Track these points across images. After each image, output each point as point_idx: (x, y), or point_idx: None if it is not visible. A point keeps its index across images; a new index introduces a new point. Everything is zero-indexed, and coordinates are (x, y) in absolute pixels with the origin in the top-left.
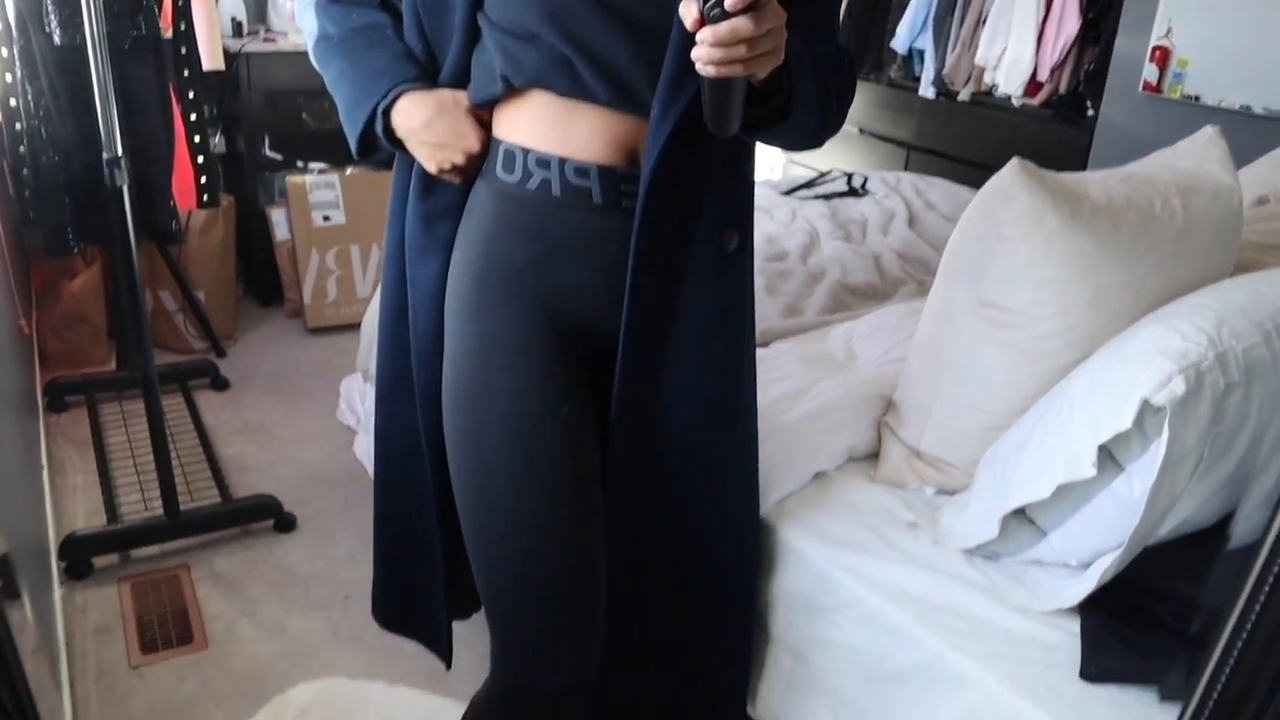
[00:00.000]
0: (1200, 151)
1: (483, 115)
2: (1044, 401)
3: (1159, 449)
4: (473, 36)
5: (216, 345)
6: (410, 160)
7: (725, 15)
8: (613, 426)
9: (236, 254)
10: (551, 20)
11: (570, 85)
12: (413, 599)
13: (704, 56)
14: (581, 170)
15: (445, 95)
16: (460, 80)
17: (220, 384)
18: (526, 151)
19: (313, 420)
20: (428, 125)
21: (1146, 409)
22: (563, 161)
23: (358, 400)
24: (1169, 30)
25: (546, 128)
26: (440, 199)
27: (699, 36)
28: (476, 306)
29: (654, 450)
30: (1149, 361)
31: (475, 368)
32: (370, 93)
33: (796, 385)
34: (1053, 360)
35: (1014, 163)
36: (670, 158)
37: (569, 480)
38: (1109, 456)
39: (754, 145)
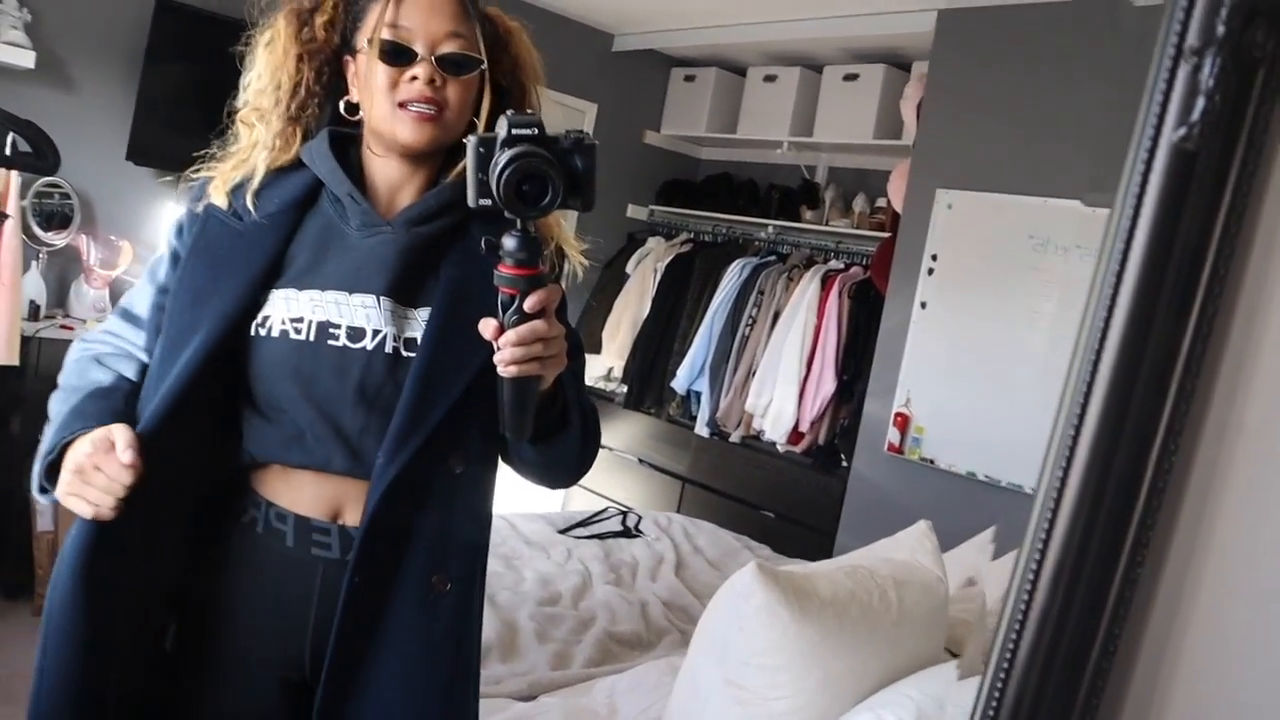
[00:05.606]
0: (914, 544)
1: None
2: None
3: None
4: None
5: None
6: None
7: (525, 318)
8: None
9: None
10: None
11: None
12: None
13: (507, 358)
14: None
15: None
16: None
17: None
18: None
19: None
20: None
21: None
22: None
23: None
24: (908, 400)
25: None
26: None
27: (501, 341)
28: None
29: None
30: None
31: None
32: (57, 433)
33: None
34: None
35: (752, 565)
36: (386, 506)
37: None
38: None
39: (477, 499)
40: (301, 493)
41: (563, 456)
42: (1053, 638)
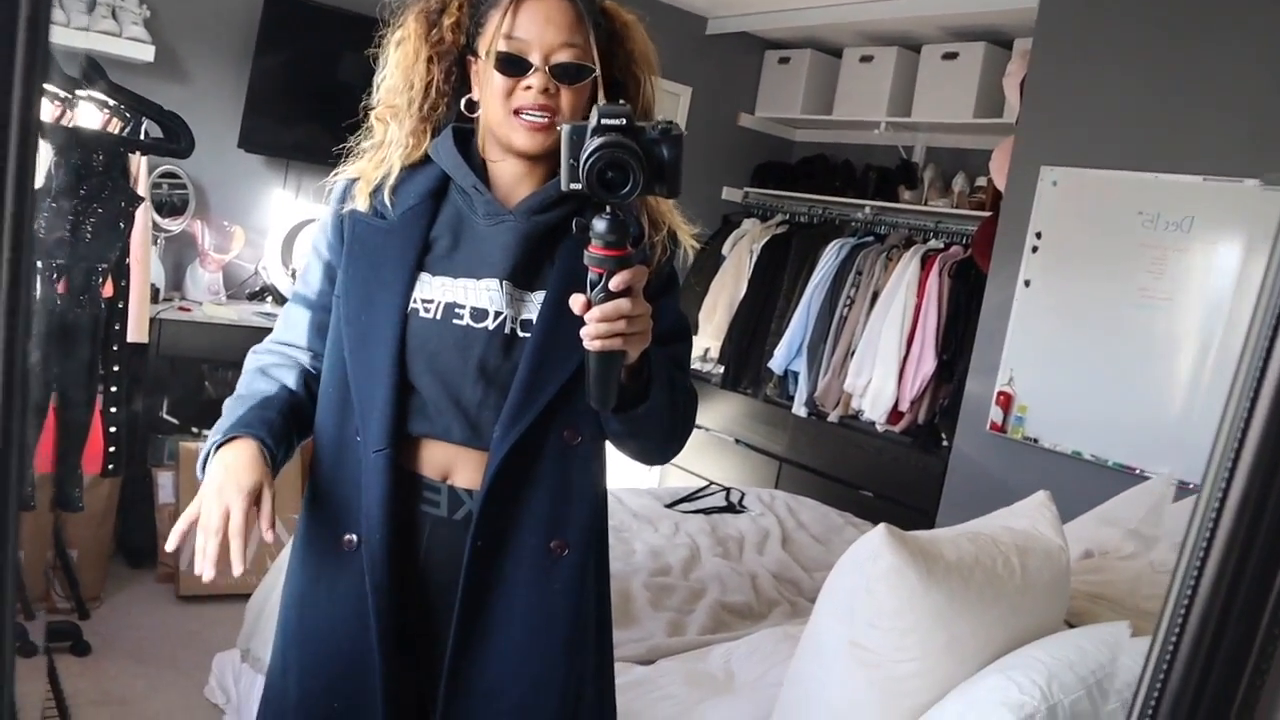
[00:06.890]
0: (1034, 513)
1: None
2: None
3: None
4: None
5: (81, 607)
6: None
7: (610, 296)
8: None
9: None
10: None
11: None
12: None
13: (592, 332)
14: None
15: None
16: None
17: (81, 649)
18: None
19: (178, 695)
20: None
21: None
22: None
23: (230, 680)
24: (1010, 378)
25: None
26: None
27: (588, 316)
28: None
29: None
30: (992, 711)
31: None
32: (221, 431)
33: (682, 705)
34: (913, 699)
35: (881, 527)
36: (503, 475)
37: None
38: None
39: (593, 469)
40: (417, 455)
41: (646, 429)
42: (1229, 590)
